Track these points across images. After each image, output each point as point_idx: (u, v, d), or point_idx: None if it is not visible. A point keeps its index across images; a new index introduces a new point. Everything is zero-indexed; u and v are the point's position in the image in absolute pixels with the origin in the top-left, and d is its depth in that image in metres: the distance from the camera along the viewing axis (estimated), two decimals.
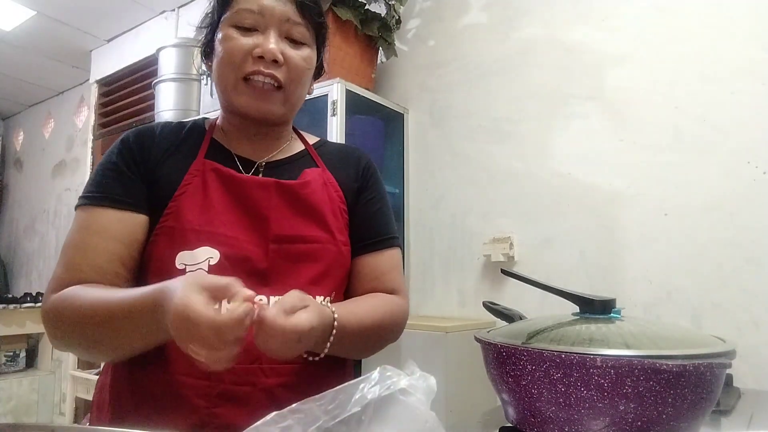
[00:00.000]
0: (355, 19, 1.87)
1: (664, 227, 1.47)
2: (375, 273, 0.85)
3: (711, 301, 1.38)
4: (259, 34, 0.77)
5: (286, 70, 0.77)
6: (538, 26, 1.78)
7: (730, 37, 1.42)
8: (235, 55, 0.76)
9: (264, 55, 0.75)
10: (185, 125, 0.85)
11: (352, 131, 1.81)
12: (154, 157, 0.78)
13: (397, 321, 0.83)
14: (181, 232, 0.73)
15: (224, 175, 0.78)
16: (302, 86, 0.82)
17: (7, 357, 3.52)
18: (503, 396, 0.67)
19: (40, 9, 2.87)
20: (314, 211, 0.80)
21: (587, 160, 1.62)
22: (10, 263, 4.30)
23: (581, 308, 0.71)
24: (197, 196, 0.75)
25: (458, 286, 1.88)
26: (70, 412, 3.00)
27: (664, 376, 0.54)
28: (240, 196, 0.77)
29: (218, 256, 0.72)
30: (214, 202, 0.75)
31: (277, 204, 0.78)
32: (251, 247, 0.75)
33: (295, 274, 0.76)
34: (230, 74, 0.77)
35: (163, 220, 0.74)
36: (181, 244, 0.73)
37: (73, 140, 3.82)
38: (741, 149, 1.37)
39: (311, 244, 0.78)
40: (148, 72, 2.93)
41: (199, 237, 0.72)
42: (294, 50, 0.78)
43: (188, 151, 0.80)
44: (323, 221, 0.80)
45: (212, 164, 0.78)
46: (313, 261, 0.78)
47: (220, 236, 0.73)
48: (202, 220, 0.74)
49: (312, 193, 0.81)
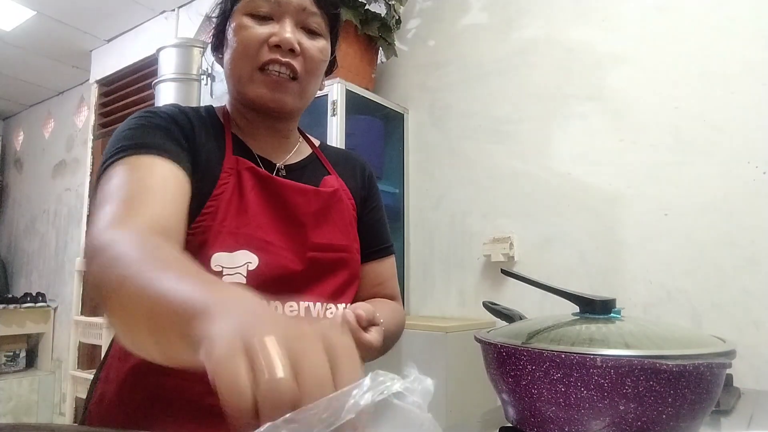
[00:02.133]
0: (355, 19, 1.87)
1: (664, 227, 1.47)
2: (378, 279, 0.87)
3: (711, 301, 1.38)
4: (274, 23, 0.73)
5: (302, 60, 0.74)
6: (538, 26, 1.78)
7: (730, 37, 1.42)
8: (250, 44, 0.72)
9: (281, 44, 0.72)
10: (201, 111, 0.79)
11: (352, 131, 1.81)
12: (198, 140, 0.72)
13: (401, 326, 0.86)
14: (218, 232, 0.69)
15: (261, 177, 0.74)
16: (316, 79, 0.79)
17: (7, 357, 3.52)
18: (503, 396, 0.67)
19: (40, 9, 2.87)
20: (341, 220, 0.81)
21: (587, 160, 1.62)
22: (10, 263, 4.30)
23: (581, 308, 0.71)
24: (234, 196, 0.72)
25: (458, 286, 1.88)
26: (70, 412, 3.00)
27: (664, 376, 0.54)
28: (278, 200, 0.75)
29: (257, 262, 0.69)
30: (250, 204, 0.72)
31: (314, 211, 0.77)
32: (289, 254, 0.73)
33: (324, 283, 0.76)
34: (245, 64, 0.73)
35: (201, 218, 0.69)
36: (217, 245, 0.68)
37: (73, 140, 3.82)
38: (741, 149, 1.37)
39: (341, 254, 0.79)
40: (148, 72, 2.93)
41: (237, 240, 0.69)
42: (310, 41, 0.76)
43: (215, 144, 0.75)
44: (348, 230, 0.81)
45: (246, 162, 0.74)
46: (341, 269, 0.79)
47: (259, 241, 0.71)
48: (240, 222, 0.71)
49: (339, 202, 0.81)
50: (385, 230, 0.91)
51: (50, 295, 3.73)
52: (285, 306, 0.72)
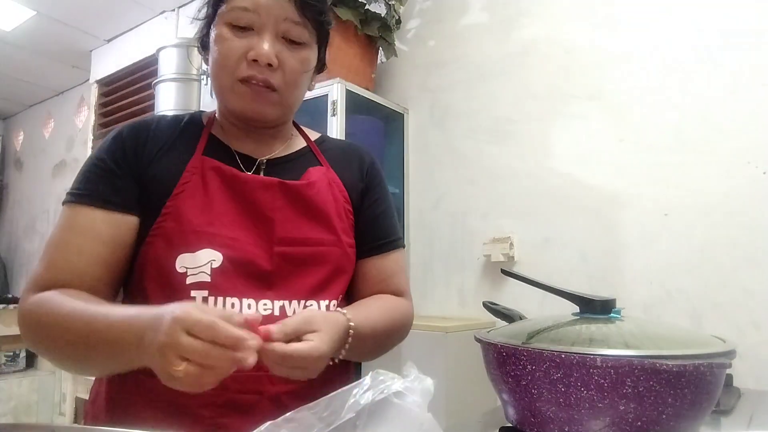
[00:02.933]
0: (355, 19, 1.87)
1: (664, 227, 1.47)
2: (382, 275, 0.84)
3: (711, 301, 1.38)
4: (254, 33, 0.72)
5: (281, 73, 0.74)
6: (538, 26, 1.78)
7: (730, 37, 1.42)
8: (229, 58, 0.72)
9: (258, 59, 0.71)
10: (182, 119, 0.82)
11: (352, 131, 1.81)
12: (149, 154, 0.74)
13: (405, 323, 0.83)
14: (181, 233, 0.70)
15: (225, 174, 0.74)
16: (298, 89, 0.78)
17: (7, 357, 3.52)
18: (503, 396, 0.67)
19: (40, 9, 2.87)
20: (319, 213, 0.78)
21: (587, 160, 1.62)
22: (10, 263, 4.30)
23: (581, 308, 0.71)
24: (196, 196, 0.72)
25: (458, 286, 1.88)
26: (70, 412, 3.00)
27: (664, 376, 0.54)
28: (243, 196, 0.74)
29: (221, 259, 0.69)
30: (214, 202, 0.72)
31: (281, 205, 0.75)
32: (255, 250, 0.72)
33: (300, 278, 0.74)
34: (225, 77, 0.74)
35: (161, 220, 0.71)
36: (180, 246, 0.69)
37: (73, 140, 3.82)
38: (741, 149, 1.37)
39: (316, 247, 0.76)
40: (148, 72, 2.92)
41: (200, 238, 0.69)
42: (290, 52, 0.74)
43: (185, 147, 0.76)
44: (328, 223, 0.78)
45: (212, 162, 0.75)
46: (319, 264, 0.76)
47: (223, 238, 0.70)
48: (203, 220, 0.71)
49: (317, 194, 0.78)
50: (389, 224, 0.87)
51: None
52: (259, 304, 0.71)
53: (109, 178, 0.72)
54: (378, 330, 0.74)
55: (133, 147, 0.75)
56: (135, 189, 0.73)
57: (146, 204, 0.73)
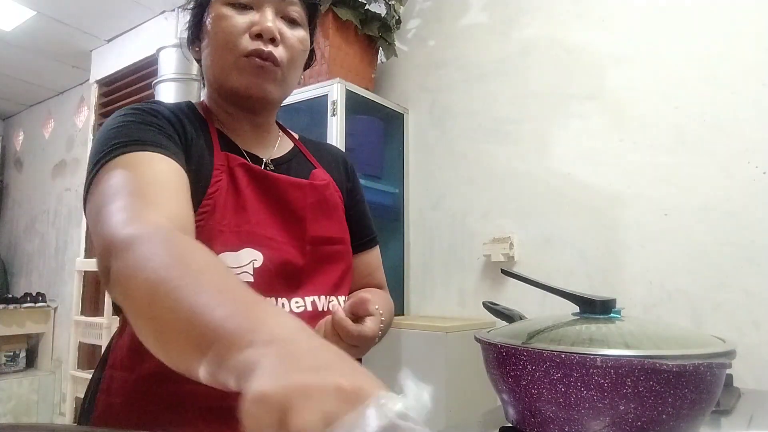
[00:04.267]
0: (355, 19, 1.87)
1: (664, 227, 1.47)
2: (368, 270, 0.90)
3: (711, 301, 1.38)
4: (254, 12, 0.73)
5: (283, 49, 0.74)
6: (538, 26, 1.78)
7: (730, 37, 1.42)
8: (232, 34, 0.71)
9: (262, 33, 0.71)
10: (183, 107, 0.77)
11: (352, 131, 1.81)
12: (189, 136, 0.70)
13: (392, 315, 0.89)
14: (221, 232, 0.68)
15: (255, 173, 0.74)
16: (297, 69, 0.79)
17: (7, 357, 3.52)
18: (503, 396, 0.67)
19: (40, 9, 2.87)
20: (336, 213, 0.82)
21: (587, 160, 1.62)
22: (10, 263, 4.30)
23: (581, 308, 0.71)
24: (230, 193, 0.71)
25: (458, 286, 1.88)
26: (70, 412, 2.99)
27: (664, 376, 0.54)
28: (274, 195, 0.74)
29: (262, 259, 0.69)
30: (247, 201, 0.72)
31: (311, 205, 0.77)
32: (290, 249, 0.73)
33: (324, 276, 0.77)
34: (227, 54, 0.72)
35: (199, 219, 0.66)
36: (220, 245, 0.67)
37: (73, 140, 3.82)
38: (741, 149, 1.37)
39: (337, 246, 0.80)
40: (148, 72, 2.93)
41: (240, 238, 0.69)
42: (290, 30, 0.76)
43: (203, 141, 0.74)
44: (342, 222, 0.83)
45: (236, 159, 0.73)
46: (339, 262, 0.80)
47: (261, 237, 0.70)
48: (240, 219, 0.70)
49: (332, 195, 0.82)
50: (370, 221, 0.93)
51: (50, 295, 3.73)
52: (291, 302, 0.72)
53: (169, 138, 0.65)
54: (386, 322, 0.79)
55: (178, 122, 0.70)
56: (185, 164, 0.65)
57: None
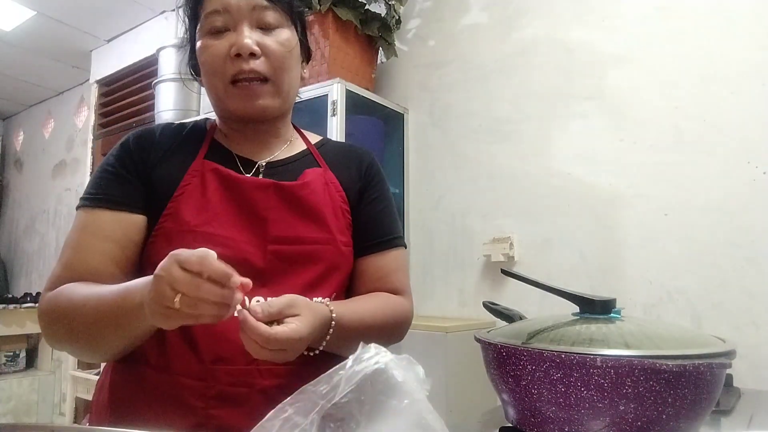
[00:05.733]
0: (355, 19, 1.87)
1: (664, 227, 1.47)
2: (379, 273, 0.85)
3: (711, 301, 1.38)
4: (232, 32, 0.76)
5: (266, 60, 0.77)
6: (538, 26, 1.78)
7: (730, 37, 1.42)
8: (215, 62, 0.76)
9: (240, 52, 0.74)
10: (186, 126, 0.86)
11: (352, 131, 1.81)
12: (153, 158, 0.79)
13: (399, 320, 0.83)
14: (179, 233, 0.73)
15: (223, 176, 0.77)
16: (289, 72, 0.80)
17: (7, 357, 3.52)
18: (503, 396, 0.67)
19: (40, 9, 2.87)
20: (314, 212, 0.79)
21: (587, 160, 1.62)
22: (10, 263, 4.30)
23: (581, 308, 0.71)
24: (195, 197, 0.75)
25: (458, 286, 1.88)
26: (70, 412, 2.99)
27: (664, 376, 0.54)
28: (238, 196, 0.77)
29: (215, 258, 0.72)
30: (212, 203, 0.75)
31: (275, 205, 0.77)
32: (249, 248, 0.74)
33: (293, 276, 0.76)
34: (217, 82, 0.78)
35: (162, 220, 0.75)
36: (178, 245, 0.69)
37: (73, 140, 3.82)
38: (741, 149, 1.37)
39: (310, 246, 0.78)
40: (148, 72, 2.93)
41: (196, 238, 0.72)
42: (269, 37, 0.77)
43: (188, 152, 0.80)
44: (323, 222, 0.79)
45: (212, 164, 0.78)
46: (312, 263, 0.78)
47: (218, 237, 0.73)
48: (200, 220, 0.74)
49: (311, 194, 0.80)
50: (388, 222, 0.88)
51: None
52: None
53: (118, 182, 0.77)
54: (365, 324, 0.75)
55: (138, 152, 0.79)
56: (142, 190, 0.77)
57: (152, 205, 0.77)
